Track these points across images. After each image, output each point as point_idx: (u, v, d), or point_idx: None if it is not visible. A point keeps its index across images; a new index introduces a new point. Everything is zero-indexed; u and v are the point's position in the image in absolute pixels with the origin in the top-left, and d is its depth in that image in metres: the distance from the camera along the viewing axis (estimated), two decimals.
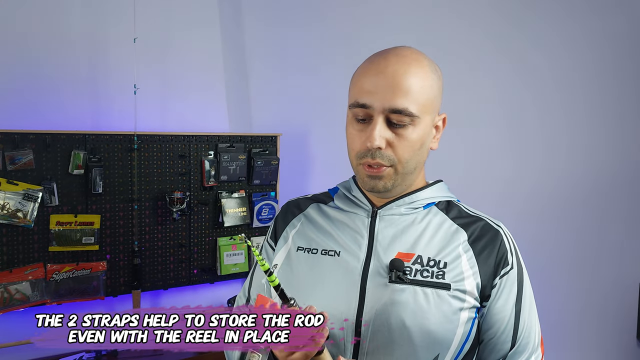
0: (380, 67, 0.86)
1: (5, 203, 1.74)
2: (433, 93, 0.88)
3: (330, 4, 2.36)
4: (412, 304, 0.85)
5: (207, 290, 2.19)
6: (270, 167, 2.20)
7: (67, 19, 1.88)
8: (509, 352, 0.90)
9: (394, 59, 0.87)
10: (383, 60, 0.87)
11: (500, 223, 0.96)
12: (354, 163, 0.92)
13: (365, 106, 0.86)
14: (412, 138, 0.86)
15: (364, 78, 0.87)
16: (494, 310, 0.89)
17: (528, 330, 0.91)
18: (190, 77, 2.11)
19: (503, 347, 0.90)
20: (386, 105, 0.84)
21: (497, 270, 0.90)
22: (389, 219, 0.93)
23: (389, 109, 0.84)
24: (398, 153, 0.87)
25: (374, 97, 0.85)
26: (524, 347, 0.90)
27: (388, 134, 0.85)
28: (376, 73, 0.86)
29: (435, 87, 0.89)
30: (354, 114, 0.88)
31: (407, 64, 0.86)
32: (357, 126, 0.89)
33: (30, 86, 1.84)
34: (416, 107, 0.85)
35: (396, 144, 0.86)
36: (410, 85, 0.85)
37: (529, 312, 0.92)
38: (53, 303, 1.84)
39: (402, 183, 0.91)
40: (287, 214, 1.05)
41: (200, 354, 1.95)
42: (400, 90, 0.84)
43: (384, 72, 0.85)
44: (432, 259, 0.89)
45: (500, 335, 0.90)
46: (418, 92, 0.85)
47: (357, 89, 0.88)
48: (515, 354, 0.90)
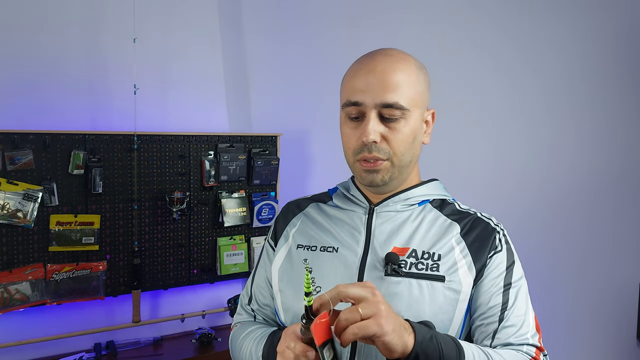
0: (370, 67, 0.90)
1: (5, 203, 1.74)
2: (421, 88, 0.93)
3: (331, 4, 2.36)
4: (408, 296, 0.87)
5: (207, 290, 2.19)
6: (270, 167, 2.20)
7: (67, 19, 1.88)
8: (498, 326, 0.89)
9: (382, 58, 0.91)
10: (371, 60, 0.91)
11: (491, 216, 1.00)
12: (350, 161, 0.95)
13: (357, 104, 0.90)
14: (404, 131, 0.90)
15: (354, 78, 0.91)
16: (483, 286, 0.91)
17: (519, 308, 0.91)
18: (190, 77, 2.11)
19: (493, 322, 0.90)
20: (377, 100, 0.88)
21: (488, 254, 0.92)
22: (385, 215, 0.97)
23: (380, 104, 0.88)
24: (393, 146, 0.90)
25: (365, 95, 0.89)
26: (516, 322, 0.90)
27: (382, 129, 0.89)
28: (366, 72, 0.90)
29: (422, 82, 0.93)
30: (347, 113, 0.92)
31: (395, 62, 0.90)
32: (351, 124, 0.92)
33: (30, 86, 1.84)
34: (406, 101, 0.89)
35: (390, 138, 0.90)
36: (398, 80, 0.89)
37: (518, 292, 0.92)
38: (53, 303, 1.84)
39: (398, 176, 0.94)
40: (287, 213, 1.08)
41: (200, 354, 1.95)
42: (390, 86, 0.88)
43: (373, 71, 0.89)
44: (427, 252, 0.91)
45: (488, 310, 0.90)
46: (407, 87, 0.89)
47: (348, 89, 0.92)
48: (506, 328, 0.89)
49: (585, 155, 3.02)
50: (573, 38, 2.91)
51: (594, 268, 3.10)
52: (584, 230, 3.05)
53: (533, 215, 2.88)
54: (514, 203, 2.79)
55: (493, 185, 2.74)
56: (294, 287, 0.95)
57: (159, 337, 2.05)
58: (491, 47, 2.72)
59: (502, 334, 0.88)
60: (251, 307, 1.08)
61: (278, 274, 0.99)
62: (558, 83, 2.89)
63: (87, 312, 1.96)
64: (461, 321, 0.89)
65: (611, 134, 3.07)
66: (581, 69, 2.95)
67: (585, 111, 2.99)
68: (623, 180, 3.13)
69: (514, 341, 0.88)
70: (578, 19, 2.92)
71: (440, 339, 0.79)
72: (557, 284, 2.99)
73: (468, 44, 2.65)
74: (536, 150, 2.87)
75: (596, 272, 3.10)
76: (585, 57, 2.96)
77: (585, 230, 3.06)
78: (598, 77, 3.00)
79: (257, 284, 1.07)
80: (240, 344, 1.01)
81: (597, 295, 3.11)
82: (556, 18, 2.86)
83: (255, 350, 0.95)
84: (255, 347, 0.95)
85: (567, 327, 3.02)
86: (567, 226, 3.00)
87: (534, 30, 2.81)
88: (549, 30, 2.85)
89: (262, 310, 1.07)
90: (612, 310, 3.15)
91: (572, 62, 2.93)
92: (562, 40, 2.89)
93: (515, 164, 2.82)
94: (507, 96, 2.78)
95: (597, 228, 3.09)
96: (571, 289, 3.04)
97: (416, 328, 0.77)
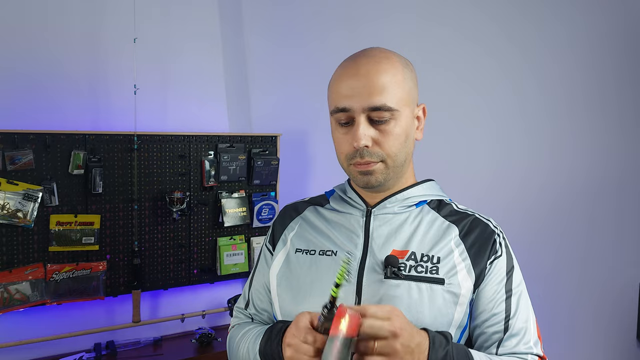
0: (353, 71, 0.89)
1: (5, 203, 1.74)
2: (408, 85, 0.91)
3: (331, 5, 2.36)
4: (407, 299, 0.86)
5: (207, 290, 2.19)
6: (270, 167, 2.20)
7: (67, 19, 1.88)
8: (504, 335, 0.90)
9: (364, 60, 0.90)
10: (354, 64, 0.90)
11: (490, 218, 0.99)
12: (344, 165, 0.95)
13: (345, 110, 0.89)
14: (395, 132, 0.89)
15: (340, 84, 0.90)
16: (484, 293, 0.91)
17: (521, 316, 0.91)
18: (191, 77, 2.11)
19: (497, 331, 0.90)
20: (365, 104, 0.87)
21: (488, 258, 0.92)
22: (383, 217, 0.96)
23: (368, 107, 0.87)
24: (385, 148, 0.89)
25: (352, 100, 0.88)
26: (519, 331, 0.90)
27: (372, 132, 0.88)
28: (350, 77, 0.89)
29: (408, 79, 0.92)
30: (336, 119, 0.91)
31: (378, 63, 0.89)
32: (342, 130, 0.91)
33: (31, 86, 1.84)
34: (394, 101, 0.88)
35: (382, 140, 0.89)
36: (384, 82, 0.87)
37: (520, 299, 0.92)
38: (53, 303, 1.84)
39: (394, 176, 0.94)
40: (284, 217, 1.07)
41: (200, 354, 1.95)
42: (375, 89, 0.87)
43: (357, 75, 0.88)
44: (426, 254, 0.91)
45: (491, 317, 0.90)
46: (393, 87, 0.88)
47: (334, 95, 0.91)
48: (511, 337, 0.90)
49: (585, 156, 3.02)
50: (573, 40, 2.91)
51: (595, 268, 3.10)
52: (584, 231, 3.05)
53: (534, 216, 2.88)
54: (515, 205, 2.79)
55: (494, 187, 2.74)
56: (292, 291, 0.95)
57: (159, 337, 2.05)
58: (492, 49, 2.71)
59: (507, 344, 0.89)
60: (248, 312, 1.07)
61: (276, 278, 0.99)
62: (557, 84, 2.89)
63: (87, 312, 1.96)
64: (460, 324, 0.89)
65: (611, 134, 3.07)
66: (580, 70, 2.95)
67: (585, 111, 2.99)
68: (623, 181, 3.13)
69: (518, 350, 0.89)
70: (578, 21, 2.91)
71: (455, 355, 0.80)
72: (558, 284, 2.99)
73: (469, 45, 2.65)
74: (537, 152, 2.87)
75: (596, 273, 3.10)
76: (585, 59, 2.96)
77: (586, 231, 3.06)
78: (598, 77, 3.00)
79: (255, 289, 1.07)
80: (237, 343, 1.00)
81: (597, 295, 3.11)
82: (556, 19, 2.86)
83: (253, 346, 0.94)
84: (252, 343, 0.94)
85: (568, 327, 3.02)
86: (567, 227, 3.00)
87: (534, 32, 2.81)
88: (549, 32, 2.84)
89: (260, 315, 1.06)
90: (612, 311, 3.15)
91: (572, 64, 2.93)
92: (562, 42, 2.88)
93: (516, 165, 2.82)
94: (508, 97, 2.78)
95: (598, 228, 3.09)
96: (572, 289, 3.04)
97: (430, 354, 0.77)
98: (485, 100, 2.72)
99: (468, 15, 2.65)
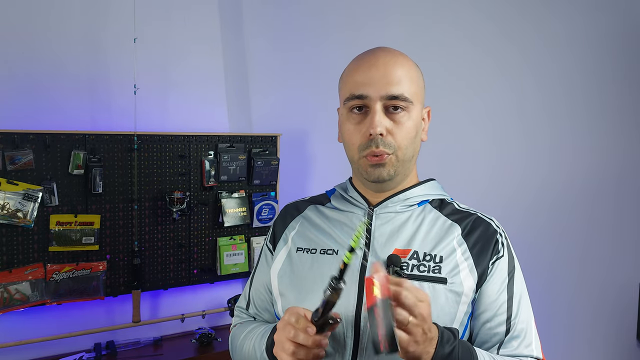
0: (372, 61, 0.91)
1: (5, 203, 1.74)
2: (419, 84, 0.95)
3: (331, 5, 2.36)
4: None
5: (207, 290, 2.19)
6: (270, 167, 2.20)
7: (67, 19, 1.88)
8: (505, 337, 0.90)
9: (383, 53, 0.92)
10: (372, 56, 0.92)
11: (492, 217, 0.99)
12: (355, 157, 0.94)
13: (362, 97, 0.90)
14: (408, 125, 0.91)
15: (357, 73, 0.92)
16: (486, 294, 0.91)
17: (522, 317, 0.92)
18: (191, 77, 2.11)
19: (498, 332, 0.91)
20: (382, 92, 0.89)
21: (490, 259, 0.92)
22: (385, 216, 0.96)
23: (385, 96, 0.89)
24: (397, 140, 0.91)
25: (369, 88, 0.89)
26: (520, 333, 0.91)
27: (387, 122, 0.90)
28: (368, 67, 0.91)
29: (420, 79, 0.95)
30: (350, 106, 0.92)
31: (396, 57, 0.92)
32: (355, 119, 0.92)
33: (30, 86, 1.84)
34: (409, 93, 0.90)
35: (395, 131, 0.90)
36: (401, 74, 0.90)
37: (521, 300, 0.93)
38: (53, 303, 1.84)
39: (401, 172, 0.95)
40: (285, 217, 1.07)
41: (200, 354, 1.95)
42: (393, 78, 0.89)
43: (375, 65, 0.90)
44: (428, 254, 0.91)
45: (493, 318, 0.91)
46: (408, 81, 0.91)
47: (350, 84, 0.92)
48: (512, 339, 0.90)
49: (584, 155, 3.02)
50: (572, 39, 2.92)
51: (594, 268, 3.10)
52: (583, 231, 3.05)
53: (533, 216, 2.88)
54: (513, 204, 2.79)
55: (493, 186, 2.74)
56: (295, 289, 0.95)
57: (159, 337, 2.05)
58: (491, 48, 2.72)
59: (509, 345, 0.90)
60: (250, 312, 1.07)
61: (277, 277, 0.98)
62: (556, 83, 2.90)
63: (87, 312, 1.96)
64: (462, 323, 0.89)
65: (610, 134, 3.08)
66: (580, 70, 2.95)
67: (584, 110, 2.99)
68: (623, 180, 3.14)
69: (519, 353, 0.90)
70: (576, 21, 2.92)
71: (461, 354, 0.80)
72: (558, 284, 2.99)
73: (468, 45, 2.65)
74: (536, 152, 2.87)
75: (596, 272, 3.10)
76: (584, 58, 2.96)
77: (585, 231, 3.06)
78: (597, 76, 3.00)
79: (256, 289, 1.06)
80: (242, 342, 1.00)
81: (597, 295, 3.11)
82: (554, 19, 2.86)
83: (259, 344, 0.93)
84: (258, 341, 0.94)
85: (568, 327, 3.02)
86: (567, 227, 3.00)
87: (533, 31, 2.81)
88: (547, 32, 2.85)
89: (261, 315, 1.06)
90: (612, 311, 3.16)
91: (571, 64, 2.93)
92: (561, 41, 2.89)
93: (515, 165, 2.82)
94: (507, 97, 2.78)
95: (597, 228, 3.10)
96: (571, 289, 3.04)
97: (438, 348, 0.78)
98: (483, 100, 2.72)
99: (466, 15, 2.65)
